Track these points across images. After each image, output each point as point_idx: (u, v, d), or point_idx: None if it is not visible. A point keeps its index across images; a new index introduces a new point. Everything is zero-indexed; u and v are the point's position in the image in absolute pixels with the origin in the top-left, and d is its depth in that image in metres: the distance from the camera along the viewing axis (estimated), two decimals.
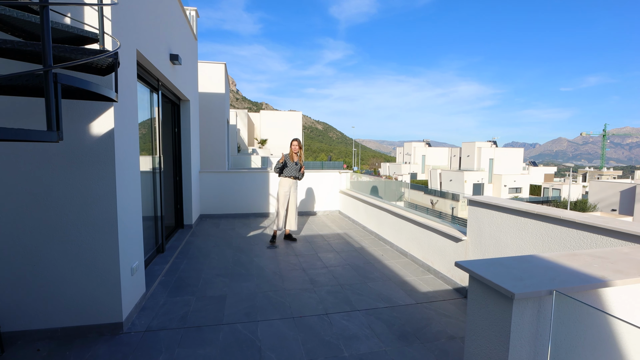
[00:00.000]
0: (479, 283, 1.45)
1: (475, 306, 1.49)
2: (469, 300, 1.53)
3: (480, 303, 1.46)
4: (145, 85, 4.41)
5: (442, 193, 27.61)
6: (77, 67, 2.18)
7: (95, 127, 2.76)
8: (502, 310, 1.34)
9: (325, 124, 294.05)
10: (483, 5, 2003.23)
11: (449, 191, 29.76)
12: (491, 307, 1.40)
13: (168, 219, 6.12)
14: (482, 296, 1.45)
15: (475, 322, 1.49)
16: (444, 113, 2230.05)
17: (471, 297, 1.51)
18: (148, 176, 4.62)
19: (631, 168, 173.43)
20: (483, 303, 1.44)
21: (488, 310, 1.42)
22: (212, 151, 10.40)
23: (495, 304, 1.38)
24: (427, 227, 4.65)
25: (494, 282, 1.34)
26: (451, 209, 21.51)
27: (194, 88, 7.27)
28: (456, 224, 4.32)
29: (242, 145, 26.05)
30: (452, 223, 4.42)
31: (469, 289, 1.52)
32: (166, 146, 5.92)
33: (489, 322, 1.41)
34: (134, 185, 3.39)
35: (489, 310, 1.41)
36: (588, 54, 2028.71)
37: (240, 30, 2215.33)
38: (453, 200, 24.65)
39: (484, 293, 1.43)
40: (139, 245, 3.54)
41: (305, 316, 3.36)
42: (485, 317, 1.43)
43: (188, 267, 4.71)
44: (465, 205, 14.60)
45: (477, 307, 1.48)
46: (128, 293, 3.13)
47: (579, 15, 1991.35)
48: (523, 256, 1.63)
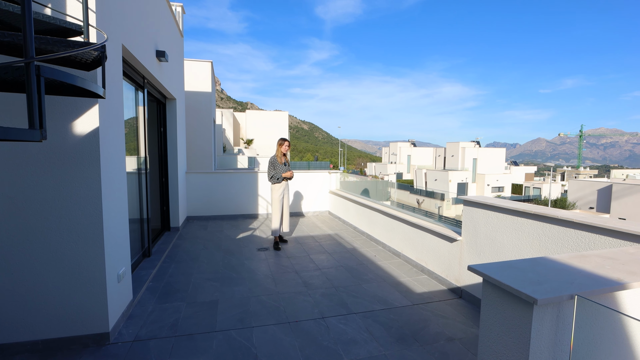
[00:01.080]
0: (495, 288, 1.40)
1: (491, 311, 1.44)
2: (483, 305, 1.47)
3: (496, 308, 1.41)
4: (130, 83, 4.23)
5: (428, 192, 27.95)
6: (60, 61, 2.03)
7: (78, 125, 2.60)
8: (521, 315, 1.29)
9: (311, 124, 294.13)
10: (466, 8, 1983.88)
11: (435, 190, 30.14)
12: (508, 313, 1.35)
13: (154, 221, 5.92)
14: (498, 301, 1.39)
15: (490, 328, 1.44)
16: (428, 113, 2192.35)
17: (486, 301, 1.46)
18: (133, 177, 4.44)
19: (606, 167, 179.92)
20: (499, 308, 1.39)
21: (505, 316, 1.37)
22: (199, 151, 10.16)
23: (513, 309, 1.33)
24: (420, 227, 4.62)
25: (513, 287, 1.29)
26: (437, 209, 21.89)
27: (180, 86, 7.07)
28: (449, 224, 4.31)
29: (228, 145, 25.70)
30: (446, 223, 4.40)
31: (483, 294, 1.47)
32: (152, 146, 5.72)
33: (505, 327, 1.36)
34: (120, 187, 3.23)
35: (506, 315, 1.36)
36: (565, 57, 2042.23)
37: (225, 28, 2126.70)
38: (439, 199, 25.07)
39: (501, 298, 1.38)
40: (126, 250, 3.38)
41: (302, 321, 3.27)
42: (501, 323, 1.38)
43: (176, 271, 4.54)
44: (450, 204, 14.85)
45: (492, 312, 1.43)
46: (114, 301, 2.97)
47: (558, 18, 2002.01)
48: (534, 258, 1.59)
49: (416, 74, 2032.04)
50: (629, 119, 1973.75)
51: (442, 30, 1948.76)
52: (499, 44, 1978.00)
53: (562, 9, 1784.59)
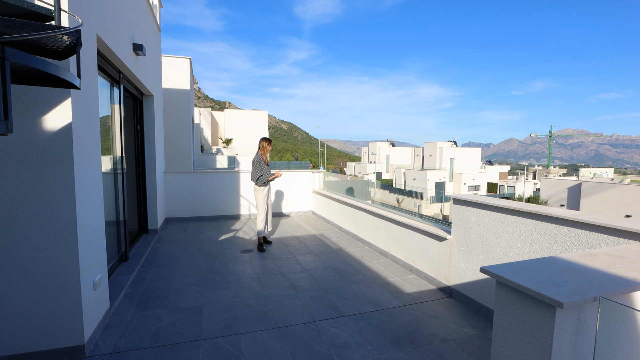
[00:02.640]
0: (511, 290, 1.34)
1: (506, 315, 1.37)
2: (497, 309, 1.41)
3: (512, 312, 1.35)
4: (105, 78, 3.97)
5: (407, 192, 28.31)
6: (28, 48, 1.83)
7: (49, 120, 2.38)
8: (541, 319, 1.23)
9: (290, 124, 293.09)
10: (442, 10, 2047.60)
11: (414, 190, 30.54)
12: (526, 316, 1.29)
13: (131, 223, 5.62)
14: (514, 304, 1.33)
15: (504, 332, 1.38)
16: (406, 114, 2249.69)
17: (500, 304, 1.39)
18: (109, 177, 4.18)
19: (573, 166, 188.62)
20: (516, 312, 1.33)
21: (522, 320, 1.30)
22: (178, 151, 9.82)
23: (531, 313, 1.26)
24: (408, 226, 4.59)
25: (534, 289, 1.22)
26: (417, 207, 22.17)
27: (157, 82, 6.77)
28: (439, 223, 4.29)
29: (206, 145, 25.14)
30: (435, 222, 4.39)
31: (497, 296, 1.40)
32: (128, 145, 5.43)
33: (523, 332, 1.30)
34: (96, 188, 3.00)
35: (523, 319, 1.30)
36: (536, 60, 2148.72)
37: (202, 26, 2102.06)
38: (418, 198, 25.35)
39: (517, 301, 1.32)
40: (102, 255, 3.15)
41: (292, 325, 3.15)
42: (518, 327, 1.32)
43: (156, 276, 4.31)
44: (428, 203, 15.15)
45: (507, 315, 1.37)
46: (90, 310, 2.75)
47: (528, 22, 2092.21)
48: (545, 258, 1.55)
49: (394, 74, 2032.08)
50: (595, 120, 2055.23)
51: (419, 32, 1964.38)
52: (474, 46, 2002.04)
53: (532, 12, 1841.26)
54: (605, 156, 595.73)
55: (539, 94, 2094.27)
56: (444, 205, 28.66)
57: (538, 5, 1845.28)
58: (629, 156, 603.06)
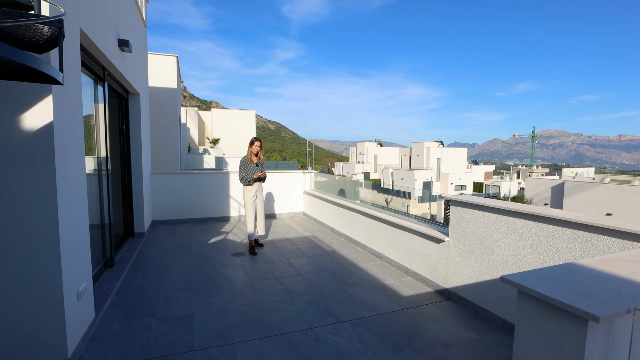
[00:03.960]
0: (535, 301, 1.26)
1: (530, 328, 1.30)
2: (519, 320, 1.33)
3: (537, 324, 1.27)
4: (89, 74, 3.77)
5: (396, 191, 28.43)
6: (4, 39, 1.66)
7: (28, 119, 2.21)
8: (572, 333, 1.15)
9: (277, 124, 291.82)
10: (428, 13, 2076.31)
11: (402, 189, 30.69)
12: (553, 329, 1.21)
13: (116, 227, 5.39)
14: (539, 316, 1.25)
15: (528, 347, 1.30)
16: (393, 114, 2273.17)
17: (523, 316, 1.31)
18: (93, 179, 3.98)
19: (555, 166, 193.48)
20: (541, 324, 1.25)
21: (549, 333, 1.23)
22: (165, 151, 9.55)
23: (559, 326, 1.19)
24: (404, 228, 4.52)
25: (564, 301, 1.14)
26: (406, 207, 22.34)
27: (144, 80, 6.54)
28: (436, 225, 4.24)
29: (193, 144, 24.71)
30: (431, 223, 4.33)
31: (519, 307, 1.32)
32: (113, 145, 5.21)
33: (550, 346, 1.22)
34: (79, 191, 2.83)
35: (550, 332, 1.22)
36: (519, 62, 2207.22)
37: (188, 24, 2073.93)
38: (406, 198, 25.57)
39: (543, 312, 1.24)
40: (86, 262, 2.97)
41: (288, 333, 3.03)
42: (544, 341, 1.24)
43: (144, 282, 4.13)
44: (416, 202, 15.20)
45: (531, 328, 1.29)
46: (74, 322, 2.57)
47: (511, 25, 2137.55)
48: (564, 265, 1.48)
49: (381, 75, 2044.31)
50: (575, 121, 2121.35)
51: (406, 34, 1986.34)
52: (459, 48, 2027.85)
53: (516, 16, 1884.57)
54: (584, 156, 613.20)
55: (522, 95, 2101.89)
56: (431, 204, 28.93)
57: (521, 9, 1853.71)
58: (607, 156, 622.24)
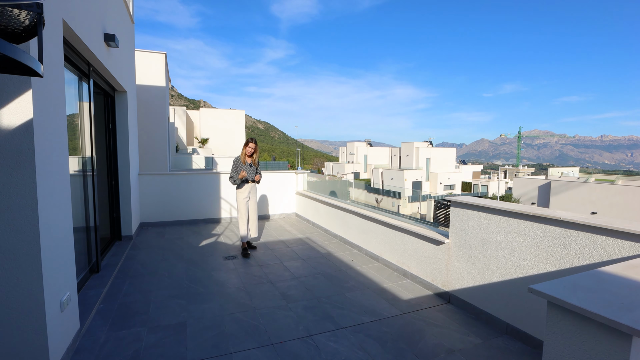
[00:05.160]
0: (569, 314, 1.16)
1: (562, 342, 1.20)
2: (550, 334, 1.23)
3: (570, 338, 1.17)
4: (73, 70, 3.57)
5: (385, 191, 28.53)
6: None
7: (4, 116, 2.02)
8: (612, 349, 1.06)
9: (266, 124, 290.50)
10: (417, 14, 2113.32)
11: (392, 189, 30.77)
12: (590, 345, 1.12)
13: (102, 229, 5.17)
14: (574, 330, 1.16)
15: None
16: (382, 114, 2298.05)
17: (554, 330, 1.22)
18: (78, 180, 3.77)
19: (540, 166, 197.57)
20: (575, 339, 1.16)
21: (584, 349, 1.13)
22: (153, 151, 9.28)
23: (597, 342, 1.10)
24: (401, 229, 4.43)
25: (605, 316, 1.05)
26: (397, 207, 22.38)
27: (131, 77, 6.31)
28: (434, 226, 4.16)
29: (181, 144, 24.30)
30: (430, 225, 4.25)
31: (550, 320, 1.23)
32: (99, 145, 4.99)
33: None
34: (62, 195, 2.64)
35: (586, 348, 1.13)
36: (505, 64, 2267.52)
37: (175, 22, 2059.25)
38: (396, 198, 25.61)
39: (578, 326, 1.15)
40: (70, 270, 2.78)
41: (286, 341, 2.90)
42: (579, 357, 1.15)
43: (132, 288, 3.94)
44: (406, 202, 15.40)
45: (564, 343, 1.19)
46: (57, 335, 2.39)
47: (497, 27, 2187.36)
48: (589, 273, 1.40)
49: (370, 75, 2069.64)
50: (559, 122, 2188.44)
51: (395, 34, 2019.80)
52: (447, 49, 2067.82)
53: (502, 18, 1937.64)
54: (568, 156, 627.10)
55: (508, 96, 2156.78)
56: (421, 204, 29.09)
57: (507, 11, 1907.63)
58: (589, 156, 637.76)
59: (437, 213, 27.74)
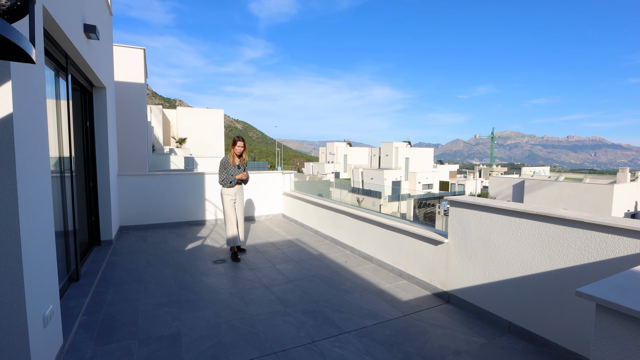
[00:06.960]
0: (623, 318, 1.10)
1: (614, 347, 1.14)
2: (599, 339, 1.17)
3: (624, 344, 1.11)
4: (50, 63, 3.29)
5: (365, 191, 28.73)
6: None
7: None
8: None
9: (244, 123, 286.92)
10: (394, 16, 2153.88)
11: (373, 188, 31.02)
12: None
13: (81, 234, 4.85)
14: (629, 335, 1.10)
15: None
16: (361, 115, 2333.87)
17: (603, 334, 1.15)
18: (55, 182, 3.49)
19: (512, 165, 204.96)
20: (630, 344, 1.10)
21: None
22: (131, 150, 8.86)
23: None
24: (396, 229, 4.38)
25: None
26: (379, 207, 22.58)
27: (110, 73, 5.97)
28: (431, 226, 4.13)
29: (157, 144, 23.52)
30: (427, 225, 4.22)
31: (598, 324, 1.17)
32: (77, 144, 4.68)
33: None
34: (44, 198, 2.41)
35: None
36: (478, 67, 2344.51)
37: (150, 18, 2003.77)
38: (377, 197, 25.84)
39: (634, 332, 1.09)
40: (53, 281, 2.54)
41: (289, 349, 2.77)
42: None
43: (117, 297, 3.69)
44: (386, 201, 15.73)
45: (617, 348, 1.13)
46: (40, 353, 2.17)
47: (471, 31, 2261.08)
48: (625, 273, 1.36)
49: (349, 76, 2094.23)
50: (529, 123, 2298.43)
51: (373, 36, 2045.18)
52: (424, 51, 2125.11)
53: (475, 21, 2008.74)
54: (537, 155, 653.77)
55: (482, 97, 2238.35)
56: (400, 203, 29.46)
57: (480, 15, 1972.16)
58: (557, 156, 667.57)
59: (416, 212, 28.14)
